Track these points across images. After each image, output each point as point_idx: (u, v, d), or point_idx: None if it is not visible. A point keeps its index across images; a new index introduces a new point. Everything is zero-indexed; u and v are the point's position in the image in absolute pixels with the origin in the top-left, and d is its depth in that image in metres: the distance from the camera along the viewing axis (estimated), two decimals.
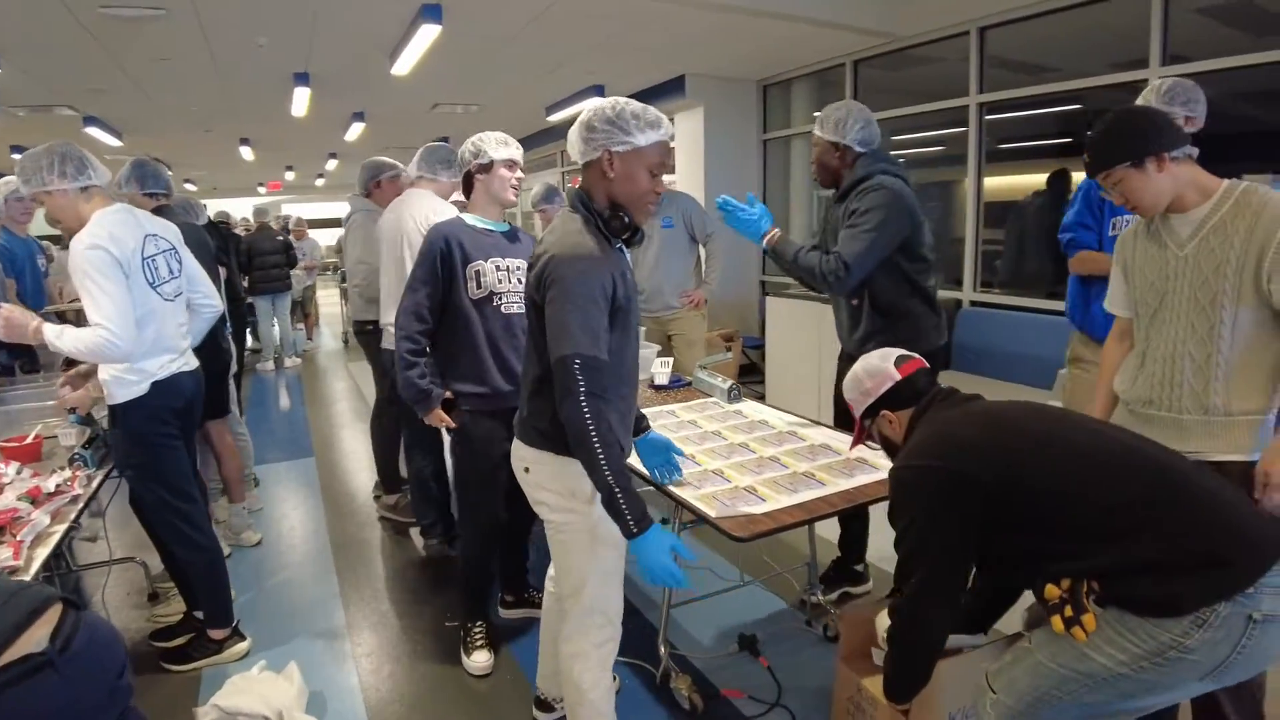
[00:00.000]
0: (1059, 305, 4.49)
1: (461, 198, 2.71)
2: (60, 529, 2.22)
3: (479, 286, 2.45)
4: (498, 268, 2.47)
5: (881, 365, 1.82)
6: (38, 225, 3.96)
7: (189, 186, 15.23)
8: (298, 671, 2.47)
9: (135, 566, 3.41)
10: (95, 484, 2.59)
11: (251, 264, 8.19)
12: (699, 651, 2.69)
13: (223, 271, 3.94)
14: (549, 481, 1.87)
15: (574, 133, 1.77)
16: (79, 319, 3.95)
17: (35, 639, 1.30)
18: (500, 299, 2.47)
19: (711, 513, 2.03)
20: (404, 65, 5.28)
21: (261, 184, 16.94)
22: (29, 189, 2.38)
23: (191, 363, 2.70)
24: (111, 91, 6.22)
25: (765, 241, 2.57)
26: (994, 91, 4.94)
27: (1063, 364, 4.08)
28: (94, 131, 7.58)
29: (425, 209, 3.04)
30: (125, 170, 3.43)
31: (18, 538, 2.10)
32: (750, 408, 3.04)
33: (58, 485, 2.45)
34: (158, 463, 2.60)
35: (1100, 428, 1.63)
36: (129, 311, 2.36)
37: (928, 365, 1.83)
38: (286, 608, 3.16)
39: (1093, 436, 1.54)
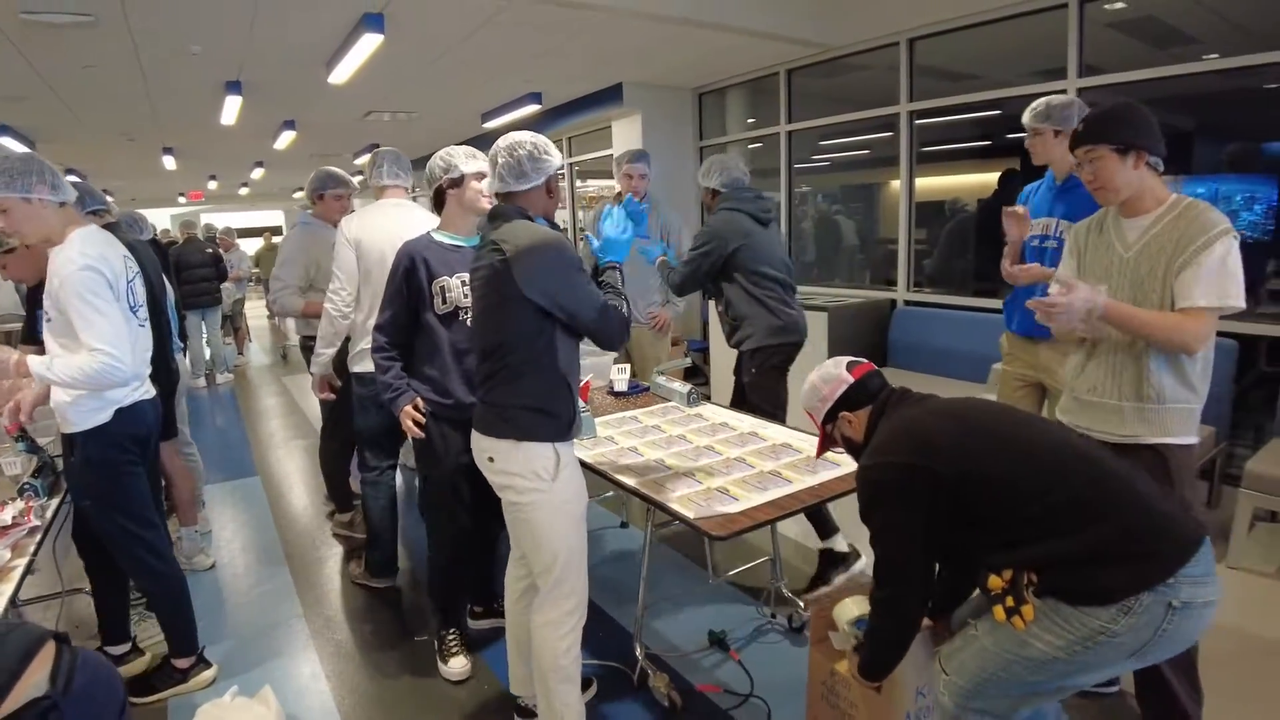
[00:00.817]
0: (990, 303, 4.75)
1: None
2: (22, 562, 2.18)
3: (444, 302, 2.50)
4: (463, 282, 2.50)
5: (835, 371, 1.91)
6: None
7: (105, 197, 14.55)
8: (273, 695, 2.44)
9: (85, 598, 3.30)
10: (50, 513, 2.53)
11: (180, 278, 7.91)
12: (672, 650, 2.77)
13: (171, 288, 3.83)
14: (514, 466, 2.04)
15: (508, 164, 2.03)
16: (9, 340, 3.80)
17: (34, 682, 1.24)
18: (465, 313, 2.51)
19: (690, 514, 2.10)
20: (341, 74, 5.21)
21: (182, 194, 16.30)
22: (5, 193, 2.23)
23: (151, 390, 2.62)
24: (29, 99, 5.95)
25: (657, 263, 3.44)
26: (923, 100, 5.17)
27: (988, 358, 4.33)
28: (5, 141, 7.21)
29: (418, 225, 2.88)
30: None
31: None
32: (710, 410, 3.13)
33: (13, 517, 2.39)
34: (119, 492, 2.51)
35: (1045, 426, 1.75)
36: (125, 333, 2.31)
37: (876, 368, 1.93)
38: (248, 631, 3.10)
39: (1039, 435, 1.67)
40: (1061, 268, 2.24)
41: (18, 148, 7.59)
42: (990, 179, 5.14)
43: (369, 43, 4.58)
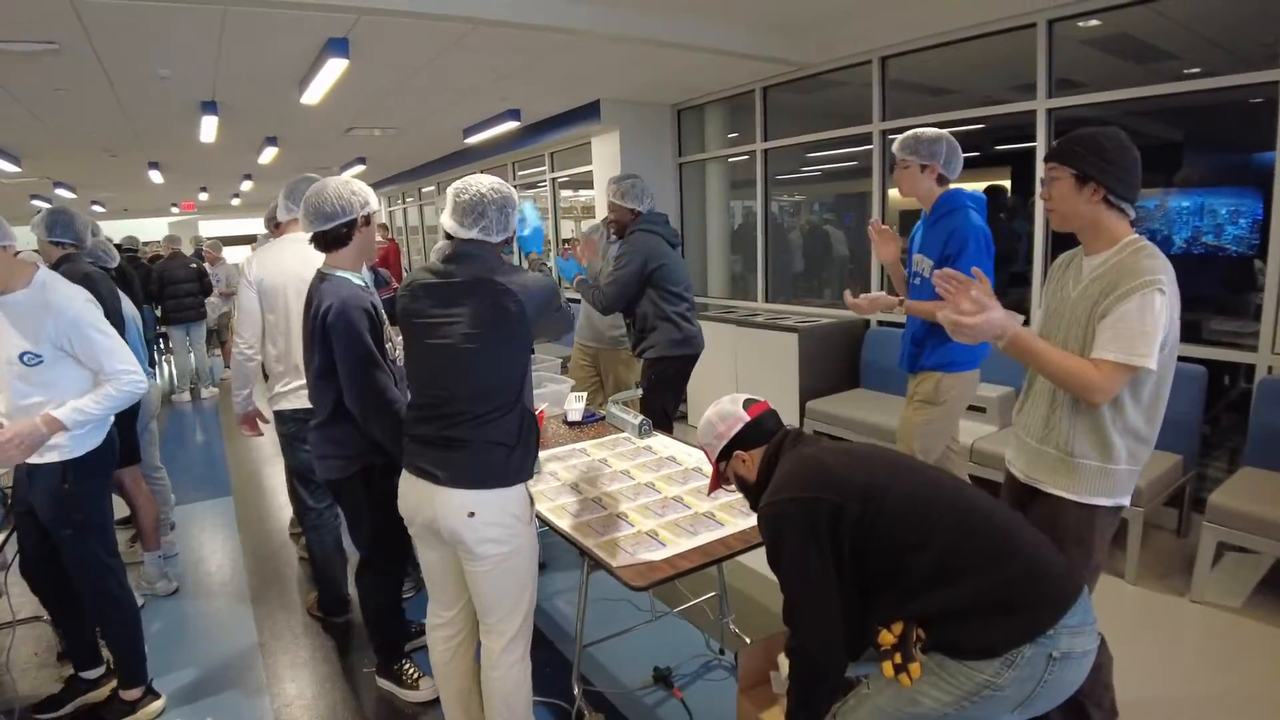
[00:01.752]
0: None
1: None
2: None
3: (395, 349, 2.44)
4: (388, 323, 2.46)
5: (731, 409, 1.89)
6: None
7: (96, 209, 14.64)
8: None
9: (42, 625, 3.29)
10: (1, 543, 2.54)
11: (164, 292, 7.94)
12: (614, 687, 2.76)
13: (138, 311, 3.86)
14: (498, 516, 2.01)
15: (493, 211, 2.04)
16: None
17: None
18: (397, 351, 2.44)
19: (613, 561, 2.10)
20: (313, 96, 5.22)
21: (175, 204, 16.37)
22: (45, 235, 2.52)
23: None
24: (5, 120, 5.98)
25: (575, 281, 3.65)
26: (896, 119, 5.16)
27: None
28: None
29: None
30: (40, 216, 3.40)
31: None
32: (660, 443, 3.12)
33: None
34: (100, 519, 2.58)
35: (936, 476, 1.72)
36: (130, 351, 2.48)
37: (772, 408, 1.93)
38: (202, 660, 3.09)
39: (929, 482, 1.65)
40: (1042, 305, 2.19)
41: (6, 166, 7.65)
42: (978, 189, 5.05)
43: (335, 67, 4.59)
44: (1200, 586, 3.22)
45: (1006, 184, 5.04)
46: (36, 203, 12.16)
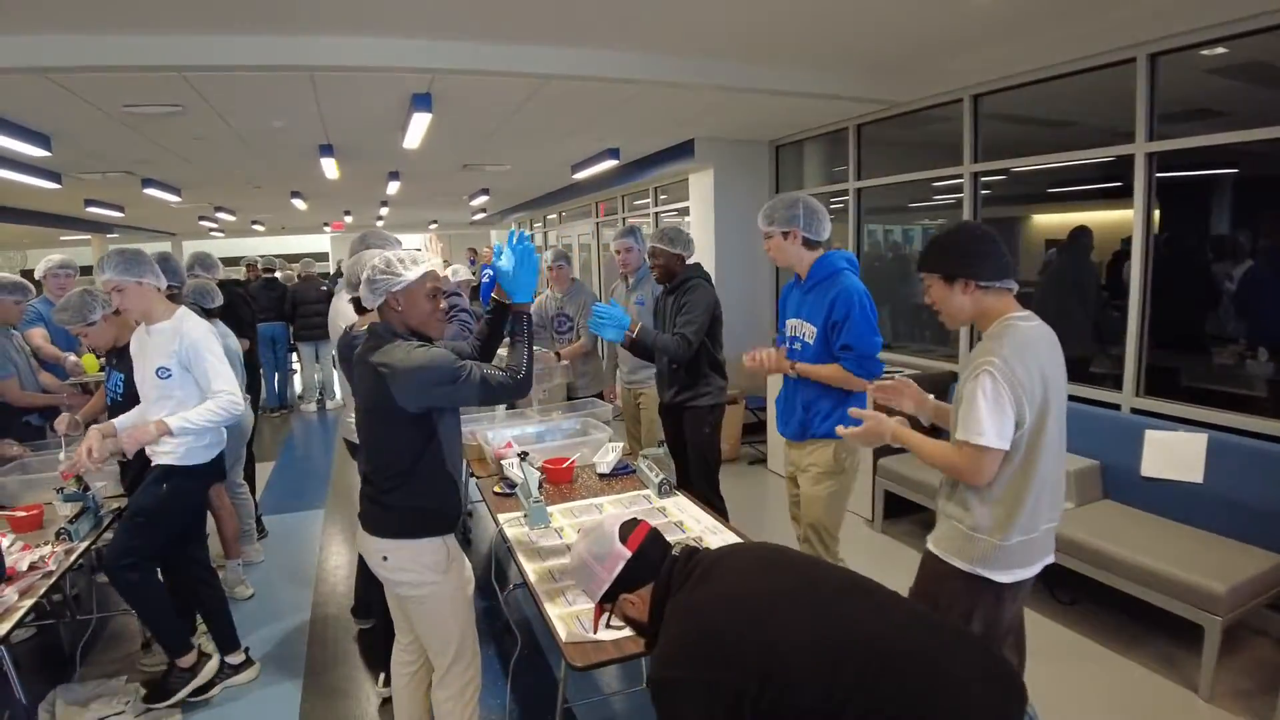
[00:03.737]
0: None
1: None
2: (26, 604, 2.51)
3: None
4: None
5: (608, 545, 1.68)
6: None
7: (257, 227, 16.13)
8: None
9: (128, 617, 3.72)
10: (73, 557, 2.88)
11: (296, 312, 8.67)
12: None
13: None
14: (408, 563, 2.21)
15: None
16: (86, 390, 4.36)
17: None
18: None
19: (563, 635, 2.11)
20: (412, 142, 5.56)
21: (326, 223, 17.77)
22: (125, 278, 2.86)
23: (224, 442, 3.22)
24: (157, 161, 6.73)
25: (628, 334, 3.41)
26: (991, 160, 4.89)
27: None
28: (153, 191, 8.17)
29: None
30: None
31: None
32: (677, 505, 3.10)
33: (31, 564, 2.74)
34: (175, 520, 3.07)
35: (846, 608, 1.51)
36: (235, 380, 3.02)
37: (653, 528, 1.75)
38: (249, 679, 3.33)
39: (839, 626, 1.46)
40: None
41: (168, 196, 8.59)
42: (1118, 218, 4.35)
43: (422, 119, 4.88)
44: None
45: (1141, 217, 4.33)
46: (204, 223, 13.57)
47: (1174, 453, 3.62)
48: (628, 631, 2.09)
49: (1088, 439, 4.01)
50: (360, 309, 2.73)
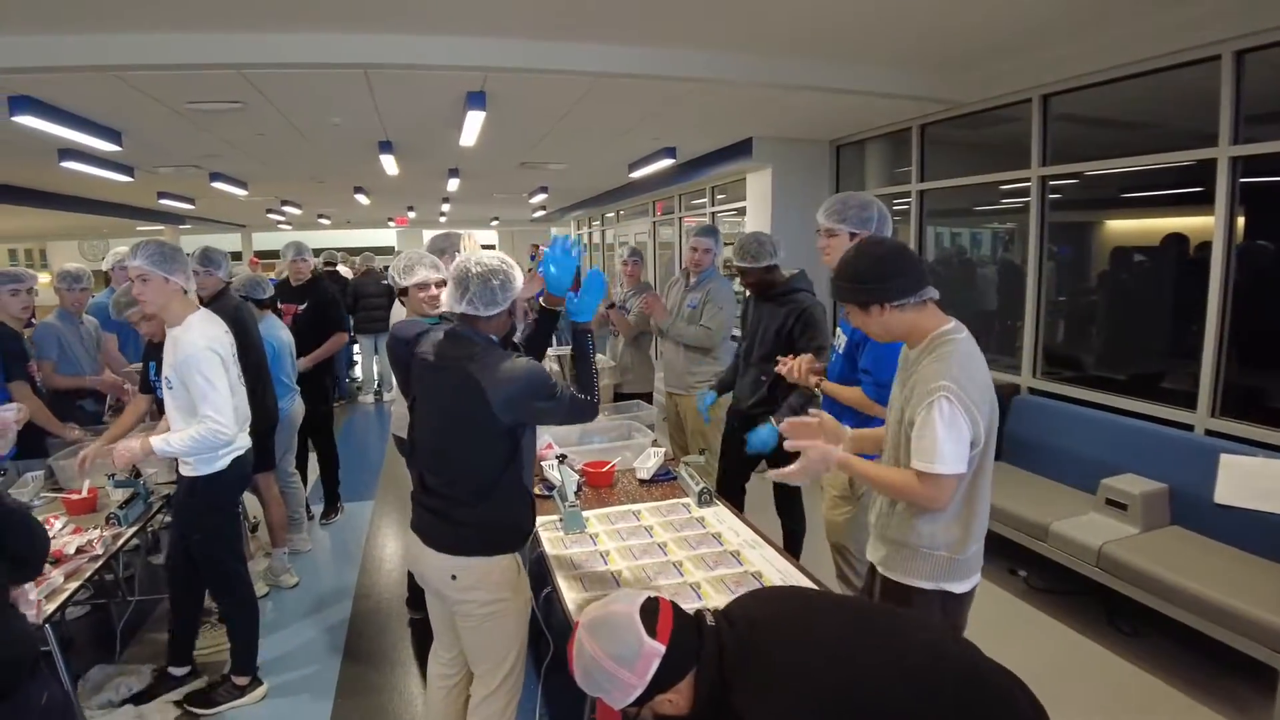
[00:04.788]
0: (1129, 404, 4.15)
1: None
2: (71, 586, 2.58)
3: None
4: None
5: (634, 644, 1.44)
6: None
7: (322, 221, 16.51)
8: None
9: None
10: (120, 542, 2.96)
11: (357, 305, 8.82)
12: None
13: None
14: (479, 582, 2.10)
15: (481, 291, 2.04)
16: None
17: None
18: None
19: None
20: (467, 139, 5.59)
21: (391, 218, 18.10)
22: (153, 268, 2.76)
23: (248, 441, 3.11)
24: (224, 156, 6.93)
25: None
26: (1060, 163, 4.67)
27: (1111, 469, 3.81)
28: (220, 185, 8.43)
29: None
30: (194, 252, 3.83)
31: (33, 597, 2.44)
32: (716, 515, 3.02)
33: (79, 547, 2.81)
34: (225, 528, 3.04)
35: (935, 677, 1.43)
36: (230, 402, 2.82)
37: (672, 602, 1.56)
38: (290, 666, 3.39)
39: (921, 673, 1.41)
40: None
41: (235, 190, 8.84)
42: (1199, 224, 4.12)
43: (476, 118, 4.89)
44: None
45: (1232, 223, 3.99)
46: (272, 215, 13.95)
47: (1252, 479, 3.37)
48: None
49: (1156, 460, 3.81)
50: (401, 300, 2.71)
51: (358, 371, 9.96)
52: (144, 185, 8.34)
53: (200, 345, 2.76)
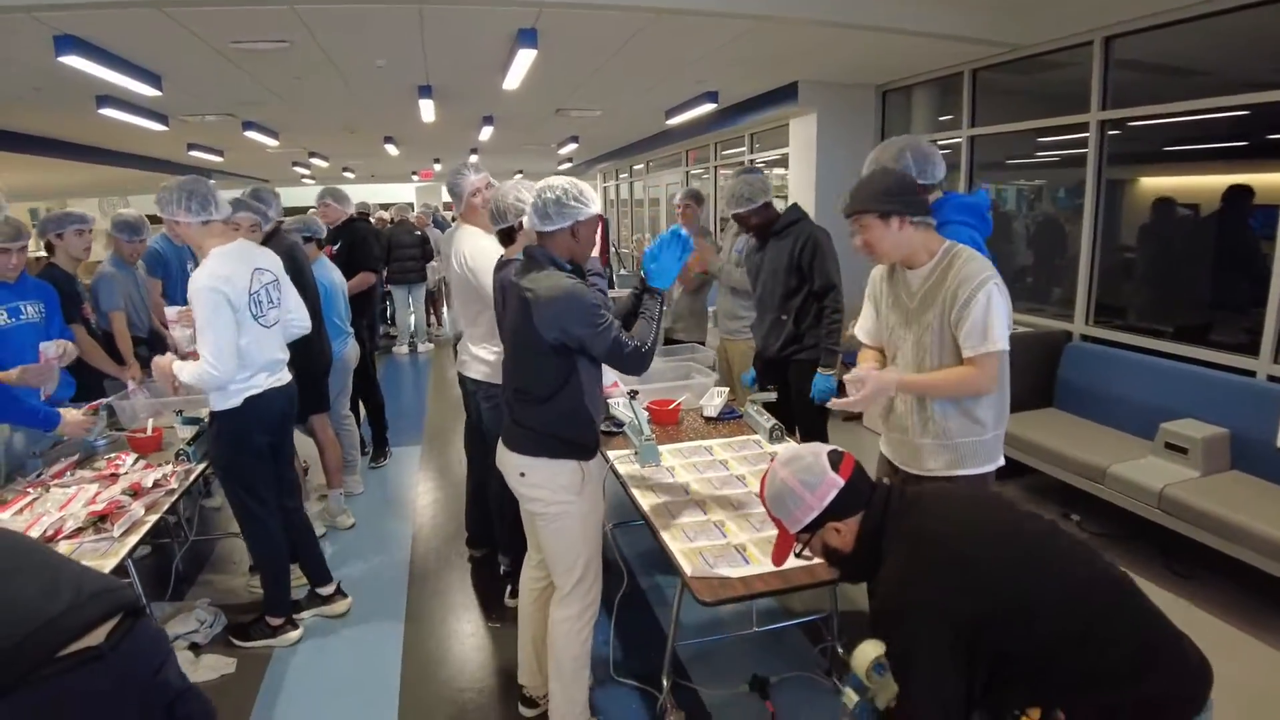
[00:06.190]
0: (1182, 349, 4.12)
1: None
2: (151, 519, 2.62)
3: None
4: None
5: (819, 474, 1.64)
6: None
7: (347, 175, 16.45)
8: None
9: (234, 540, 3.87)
10: (193, 477, 3.00)
11: (390, 256, 8.80)
12: (711, 684, 2.76)
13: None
14: (544, 482, 2.23)
15: (536, 205, 2.14)
16: None
17: (95, 634, 1.55)
18: None
19: (688, 570, 2.10)
20: (512, 81, 5.52)
21: (415, 172, 18.02)
22: (164, 215, 2.75)
23: (284, 379, 3.03)
24: (260, 103, 6.88)
25: None
26: (1120, 108, 4.56)
27: (1169, 415, 3.78)
28: (252, 134, 8.38)
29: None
30: (246, 192, 3.79)
31: (113, 528, 2.49)
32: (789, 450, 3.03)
33: (155, 481, 2.86)
34: (241, 467, 2.95)
35: (1090, 570, 1.52)
36: (229, 347, 2.73)
37: (853, 457, 1.73)
38: (353, 600, 3.41)
39: (1084, 582, 1.48)
40: (862, 312, 2.50)
41: (266, 140, 8.79)
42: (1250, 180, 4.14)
43: (526, 56, 4.82)
44: None
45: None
46: (297, 168, 13.89)
47: None
48: (765, 568, 2.09)
49: (1217, 406, 3.79)
50: (507, 241, 2.74)
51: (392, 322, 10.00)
52: (175, 135, 8.30)
53: (201, 283, 2.68)
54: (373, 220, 9.15)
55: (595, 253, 2.35)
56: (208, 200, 2.76)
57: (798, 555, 1.76)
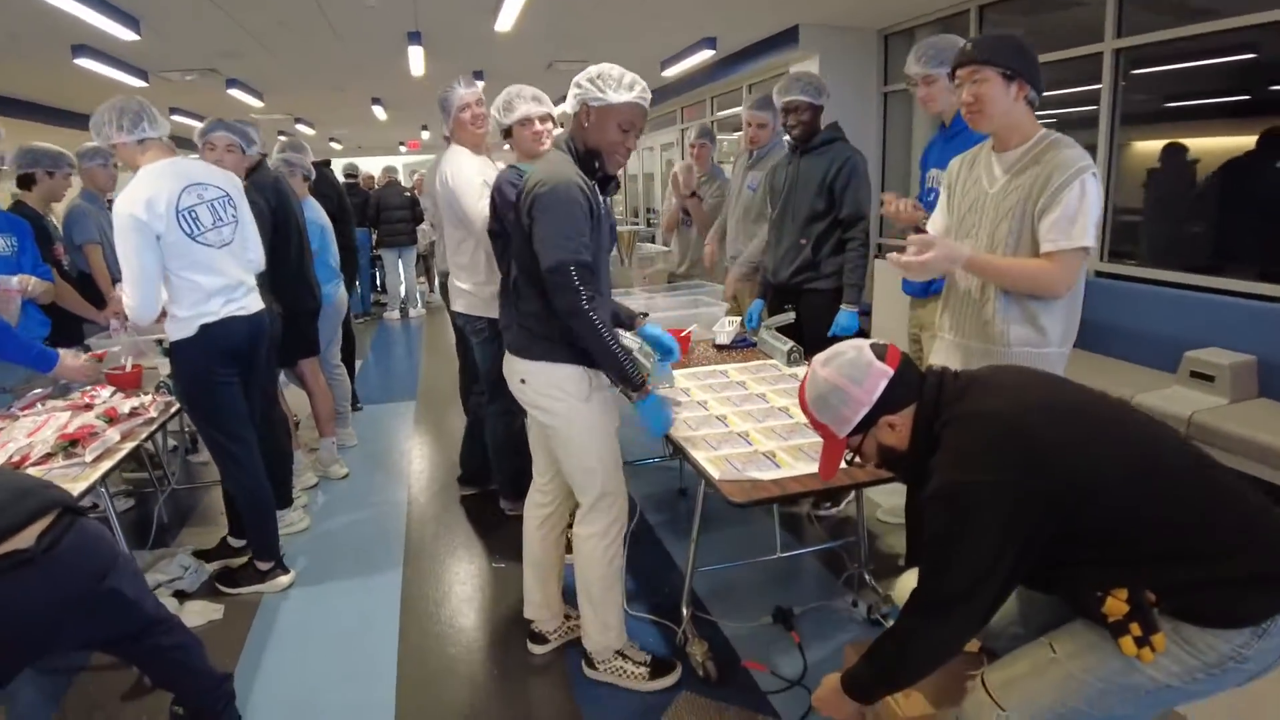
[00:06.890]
0: (1204, 280, 3.98)
1: None
2: (127, 447, 2.44)
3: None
4: None
5: (865, 366, 1.48)
6: None
7: (334, 145, 16.12)
8: None
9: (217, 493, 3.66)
10: (174, 410, 2.82)
11: (379, 218, 8.59)
12: (731, 617, 2.61)
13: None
14: (547, 388, 2.10)
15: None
16: None
17: (24, 536, 1.44)
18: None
19: (716, 474, 1.95)
20: (505, 21, 5.31)
21: (402, 143, 17.71)
22: (100, 141, 2.53)
23: (250, 307, 2.74)
24: (242, 54, 6.59)
25: None
26: (1134, 35, 4.38)
27: (1192, 346, 3.66)
28: (236, 93, 8.10)
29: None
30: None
31: (85, 451, 2.31)
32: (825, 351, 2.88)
33: (132, 408, 2.67)
34: (208, 401, 2.71)
35: (1159, 446, 1.41)
36: (143, 276, 2.47)
37: (899, 348, 1.56)
38: (347, 547, 3.27)
39: (1156, 458, 1.37)
40: (936, 208, 2.27)
41: (249, 100, 8.52)
42: (1244, 143, 4.08)
43: None
44: None
45: None
46: (283, 138, 13.57)
47: None
48: (798, 470, 1.94)
49: (1244, 333, 3.66)
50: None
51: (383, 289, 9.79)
52: (156, 95, 7.95)
53: (120, 210, 2.43)
54: (359, 181, 8.91)
55: None
56: (140, 116, 2.50)
57: (849, 464, 1.61)
